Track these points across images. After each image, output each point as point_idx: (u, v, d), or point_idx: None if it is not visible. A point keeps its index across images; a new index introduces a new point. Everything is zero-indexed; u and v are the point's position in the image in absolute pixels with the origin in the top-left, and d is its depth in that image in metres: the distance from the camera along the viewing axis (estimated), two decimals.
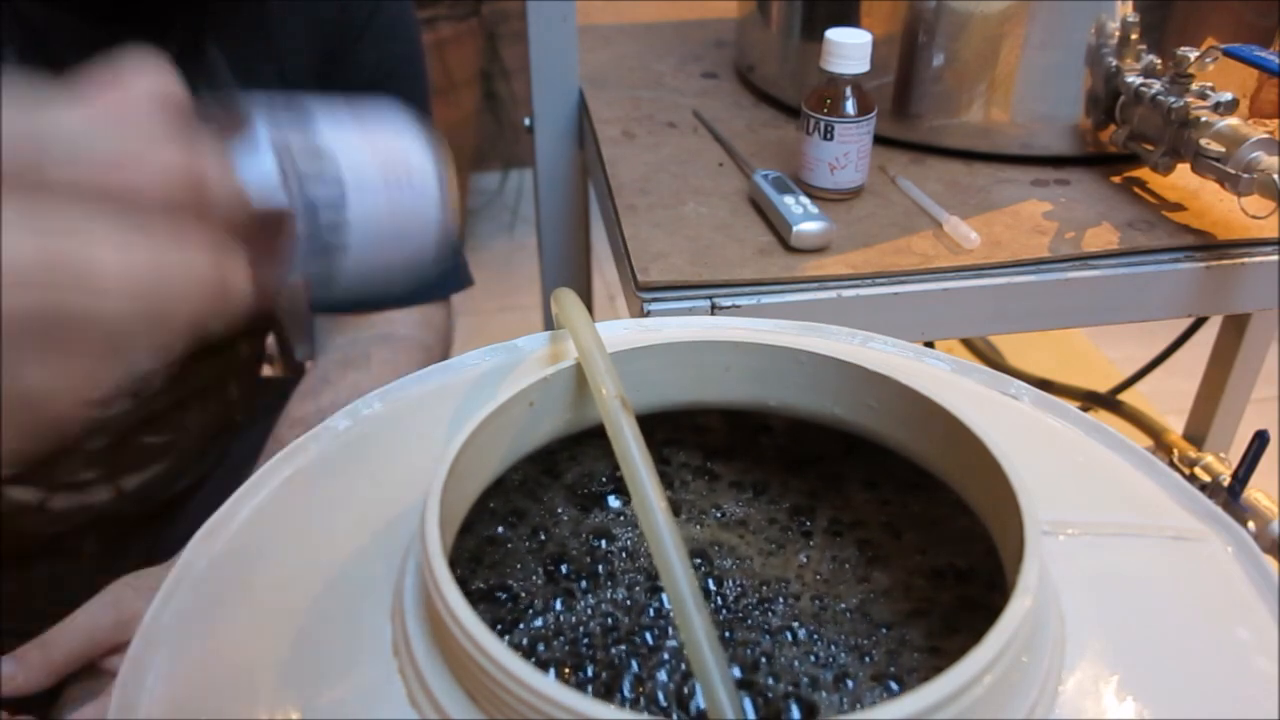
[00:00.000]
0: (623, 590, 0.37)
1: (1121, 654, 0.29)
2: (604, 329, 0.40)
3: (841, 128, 0.65)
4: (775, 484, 0.42)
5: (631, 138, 0.78)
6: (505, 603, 0.36)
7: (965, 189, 0.70)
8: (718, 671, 0.27)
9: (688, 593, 0.28)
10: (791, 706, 0.33)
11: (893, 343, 0.44)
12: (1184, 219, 0.66)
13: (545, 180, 0.90)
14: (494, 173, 2.39)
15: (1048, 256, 0.62)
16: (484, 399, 0.34)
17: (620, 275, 0.65)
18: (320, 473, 0.36)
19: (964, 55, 0.70)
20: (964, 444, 0.33)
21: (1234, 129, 0.60)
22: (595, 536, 0.39)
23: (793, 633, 0.35)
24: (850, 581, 0.38)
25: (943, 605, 0.36)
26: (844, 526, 0.40)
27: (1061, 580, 0.31)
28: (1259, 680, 0.29)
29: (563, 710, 0.23)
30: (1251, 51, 0.64)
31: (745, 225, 0.65)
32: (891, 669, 0.34)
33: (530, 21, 0.81)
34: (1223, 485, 0.69)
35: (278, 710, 0.27)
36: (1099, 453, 0.38)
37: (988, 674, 0.25)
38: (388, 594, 0.30)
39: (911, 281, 0.61)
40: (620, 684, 0.33)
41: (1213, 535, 0.34)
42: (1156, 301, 0.64)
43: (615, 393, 0.32)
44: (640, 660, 0.34)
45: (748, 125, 0.80)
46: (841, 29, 0.65)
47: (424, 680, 0.27)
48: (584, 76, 0.87)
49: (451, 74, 1.94)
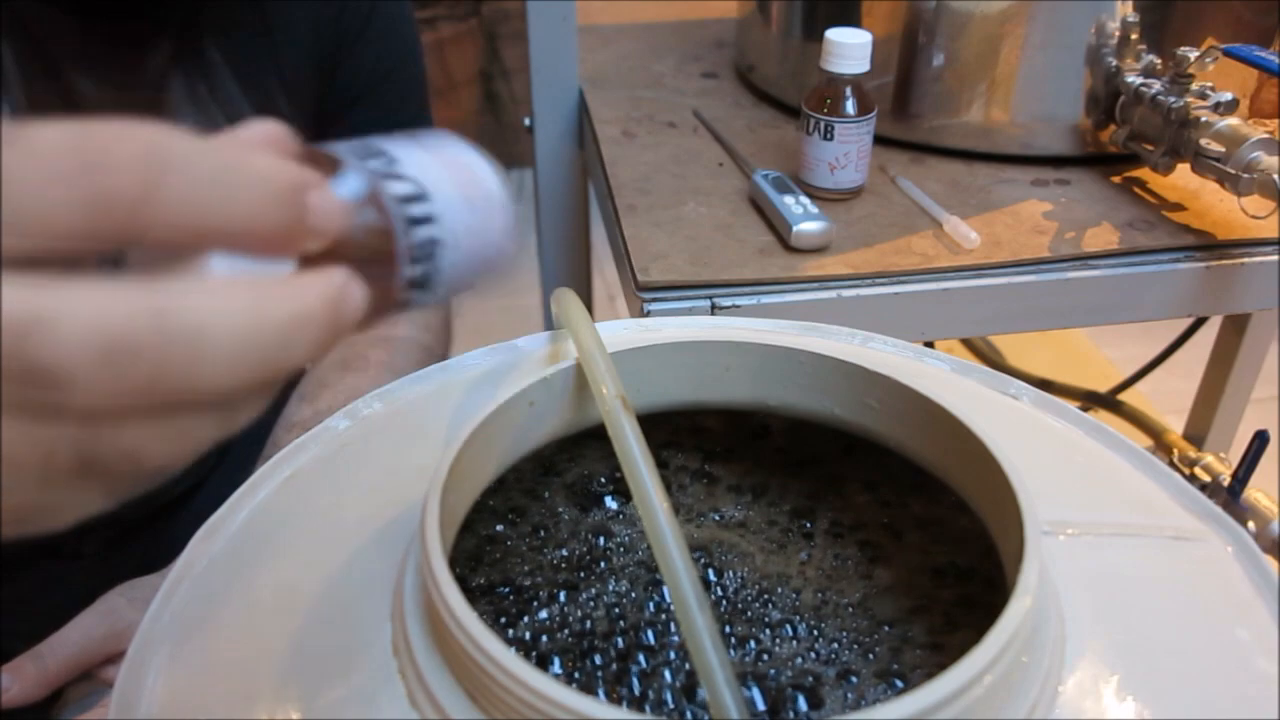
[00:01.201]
0: (625, 584, 0.37)
1: (1121, 654, 0.29)
2: (604, 329, 0.40)
3: (841, 128, 0.65)
4: (775, 486, 0.42)
5: (631, 138, 0.78)
6: (507, 597, 0.36)
7: (965, 189, 0.70)
8: (721, 671, 0.27)
9: (690, 592, 0.28)
10: (798, 699, 0.33)
11: (893, 343, 0.44)
12: (1184, 219, 0.66)
13: (545, 180, 0.90)
14: None
15: (1048, 256, 0.62)
16: (484, 399, 0.34)
17: (620, 275, 0.65)
18: (320, 473, 0.36)
19: (964, 55, 0.70)
20: (964, 444, 0.33)
21: (1234, 129, 0.60)
22: (595, 534, 0.39)
23: (793, 627, 0.36)
24: (851, 579, 0.38)
25: (943, 603, 0.36)
26: (844, 528, 0.40)
27: (1061, 580, 0.31)
28: (1259, 680, 0.29)
29: (563, 710, 0.23)
30: (1251, 51, 0.64)
31: (745, 225, 0.65)
32: (894, 666, 0.34)
33: (530, 21, 0.81)
34: (1223, 485, 0.69)
35: (278, 710, 0.27)
36: (1099, 453, 0.38)
37: (988, 674, 0.25)
38: (388, 594, 0.30)
39: (911, 281, 0.61)
40: (627, 679, 0.33)
41: (1213, 535, 0.34)
42: (1156, 301, 0.64)
43: (615, 393, 0.32)
44: (647, 655, 0.34)
45: (748, 125, 0.80)
46: (841, 29, 0.65)
47: (424, 680, 0.27)
48: (584, 76, 0.87)
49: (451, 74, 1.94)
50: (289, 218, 0.21)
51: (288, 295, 0.21)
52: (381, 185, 0.24)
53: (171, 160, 0.19)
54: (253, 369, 0.20)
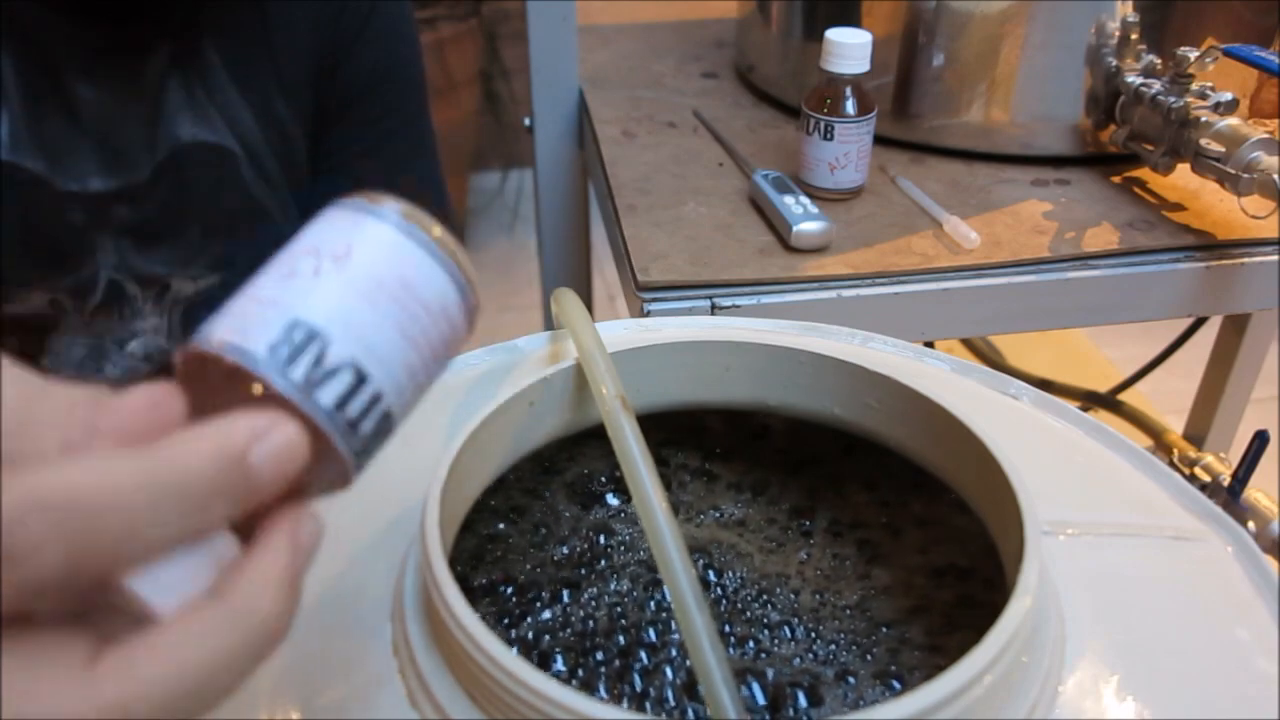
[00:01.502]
0: (627, 582, 0.37)
1: (1121, 654, 0.29)
2: (604, 329, 0.40)
3: (841, 128, 0.65)
4: (774, 485, 0.42)
5: (631, 138, 0.78)
6: (508, 596, 0.36)
7: (965, 189, 0.70)
8: (719, 671, 0.27)
9: (689, 593, 0.28)
10: (798, 696, 0.33)
11: (893, 343, 0.44)
12: (1184, 219, 0.66)
13: (545, 180, 0.90)
14: (494, 173, 2.39)
15: (1048, 256, 0.62)
16: (484, 399, 0.34)
17: (620, 275, 0.65)
18: None
19: (964, 55, 0.70)
20: (964, 444, 0.33)
21: (1234, 129, 0.60)
22: (597, 532, 0.39)
23: (791, 628, 0.36)
24: (850, 578, 0.38)
25: (943, 603, 0.36)
26: (844, 527, 0.40)
27: (1061, 580, 0.31)
28: (1259, 680, 0.29)
29: (563, 710, 0.23)
30: (1251, 51, 0.64)
31: (745, 225, 0.65)
32: (892, 667, 0.34)
33: (530, 21, 0.81)
34: (1223, 485, 0.69)
35: (278, 710, 0.27)
36: (1099, 453, 0.38)
37: (988, 674, 0.25)
38: (388, 594, 0.30)
39: (911, 281, 0.61)
40: (629, 677, 0.33)
41: (1213, 535, 0.34)
42: (1156, 301, 0.64)
43: (615, 393, 0.32)
44: (649, 652, 0.34)
45: (748, 125, 0.80)
46: (841, 29, 0.65)
47: (424, 680, 0.27)
48: (584, 76, 0.87)
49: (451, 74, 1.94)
50: (232, 501, 0.20)
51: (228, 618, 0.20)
52: (314, 405, 0.22)
53: (94, 519, 0.18)
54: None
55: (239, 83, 0.64)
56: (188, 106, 0.63)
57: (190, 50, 0.62)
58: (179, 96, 0.62)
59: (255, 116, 0.65)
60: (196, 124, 0.63)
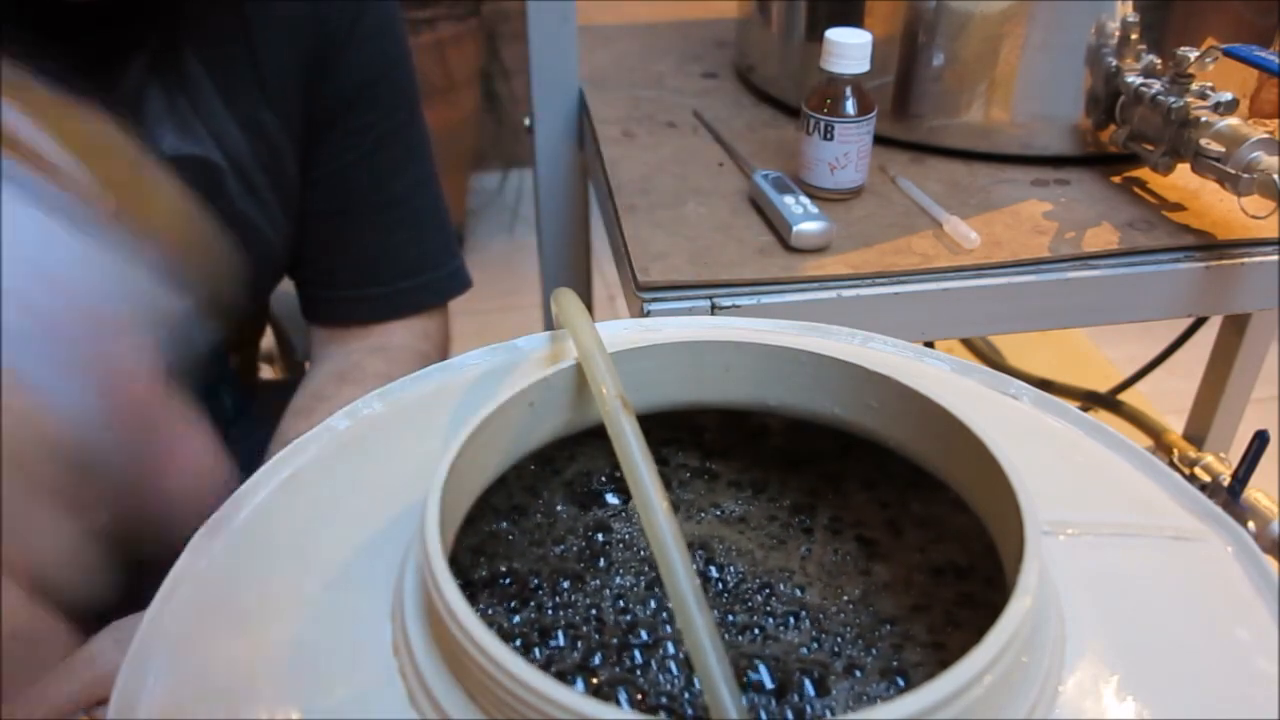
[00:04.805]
0: (629, 580, 0.37)
1: (1121, 654, 0.29)
2: (604, 329, 0.40)
3: (841, 128, 0.65)
4: (774, 483, 0.42)
5: (631, 138, 0.78)
6: (508, 595, 0.36)
7: (965, 189, 0.70)
8: (719, 671, 0.27)
9: (689, 593, 0.28)
10: (805, 683, 0.33)
11: (893, 343, 0.44)
12: (1184, 219, 0.66)
13: (545, 180, 0.90)
14: (494, 173, 2.39)
15: (1048, 256, 0.62)
16: (484, 399, 0.34)
17: (620, 275, 0.65)
18: (320, 473, 0.36)
19: (964, 55, 0.70)
20: (964, 444, 0.33)
21: (1234, 129, 0.60)
22: (598, 530, 0.39)
23: (796, 618, 0.36)
24: (852, 573, 0.38)
25: (943, 601, 0.36)
26: (844, 525, 0.40)
27: (1061, 580, 0.31)
28: (1259, 680, 0.29)
29: (563, 710, 0.23)
30: (1251, 51, 0.64)
31: (745, 225, 0.65)
32: (894, 663, 0.34)
33: (530, 21, 0.81)
34: (1223, 485, 0.69)
35: (278, 710, 0.27)
36: (1099, 453, 0.38)
37: (988, 674, 0.25)
38: (388, 594, 0.30)
39: (911, 281, 0.61)
40: (631, 675, 0.33)
41: (1213, 535, 0.34)
42: (1156, 301, 0.64)
43: (615, 393, 0.32)
44: (651, 650, 0.34)
45: (748, 125, 0.80)
46: (842, 29, 0.65)
47: (424, 680, 0.27)
48: (584, 76, 0.87)
49: (451, 74, 1.94)
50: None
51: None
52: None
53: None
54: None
55: (223, 93, 0.62)
56: (169, 119, 0.61)
57: (169, 60, 0.60)
58: (160, 108, 0.61)
59: (241, 127, 0.63)
60: (179, 137, 0.61)
